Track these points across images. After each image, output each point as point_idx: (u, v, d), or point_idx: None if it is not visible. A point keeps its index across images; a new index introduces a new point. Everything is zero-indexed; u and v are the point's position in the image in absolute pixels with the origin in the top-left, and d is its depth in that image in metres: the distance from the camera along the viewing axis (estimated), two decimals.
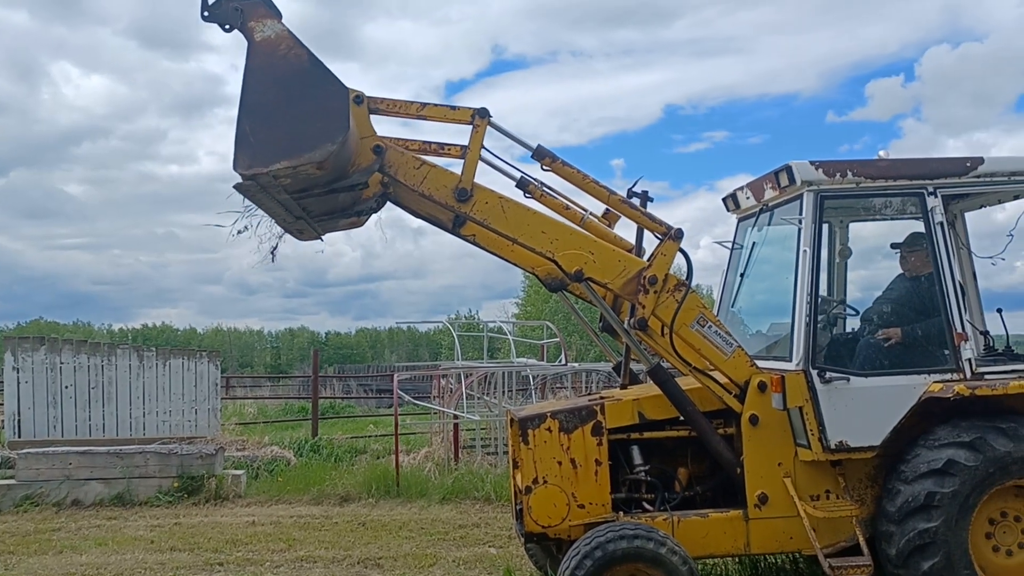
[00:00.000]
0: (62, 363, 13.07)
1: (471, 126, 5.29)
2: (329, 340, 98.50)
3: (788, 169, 5.57)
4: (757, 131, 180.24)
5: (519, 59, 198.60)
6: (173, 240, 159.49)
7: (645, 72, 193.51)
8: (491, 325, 17.53)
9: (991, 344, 5.98)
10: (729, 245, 6.76)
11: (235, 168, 4.64)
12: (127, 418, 13.49)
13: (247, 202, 5.12)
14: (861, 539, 5.26)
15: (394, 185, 5.32)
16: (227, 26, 4.87)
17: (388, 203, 5.57)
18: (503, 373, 13.26)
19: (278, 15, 4.89)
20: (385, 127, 5.43)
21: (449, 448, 12.11)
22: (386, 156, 5.19)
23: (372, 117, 5.30)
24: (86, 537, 8.59)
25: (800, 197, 5.57)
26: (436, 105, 5.35)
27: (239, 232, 5.34)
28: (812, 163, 5.51)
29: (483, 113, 5.27)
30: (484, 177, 5.42)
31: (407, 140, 5.49)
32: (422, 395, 17.09)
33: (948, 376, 5.32)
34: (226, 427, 15.73)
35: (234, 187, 4.80)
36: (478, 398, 14.11)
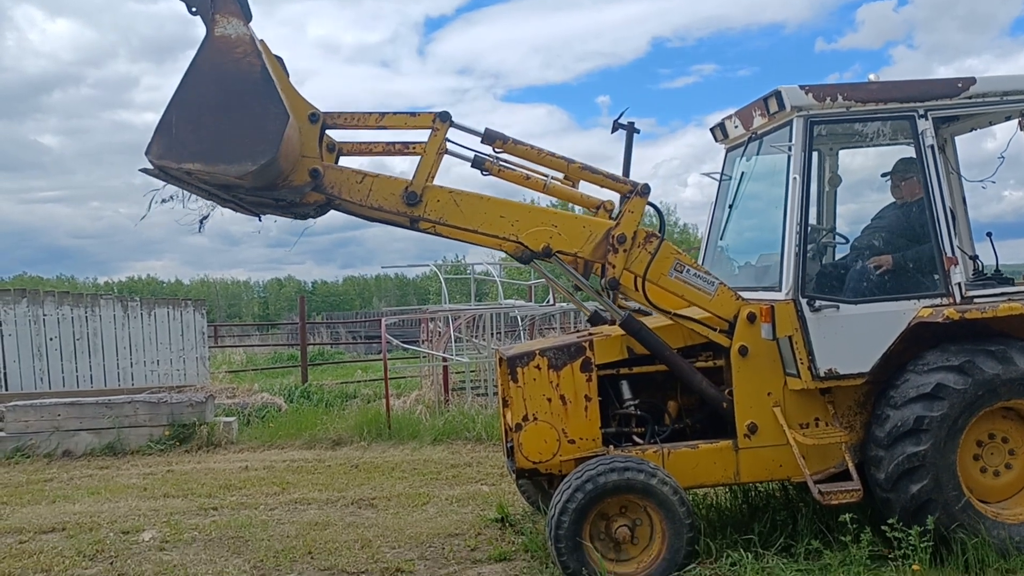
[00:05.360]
0: (45, 315, 12.95)
1: (431, 130, 5.18)
2: (317, 289, 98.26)
3: (777, 95, 5.44)
4: (746, 63, 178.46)
5: None
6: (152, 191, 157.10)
7: (630, 3, 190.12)
8: (478, 268, 17.45)
9: (980, 269, 5.95)
10: (717, 177, 6.66)
11: (146, 153, 4.50)
12: (114, 368, 13.47)
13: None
14: (850, 464, 5.28)
15: (339, 201, 5.18)
16: (193, 8, 4.70)
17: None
18: (491, 315, 13.24)
19: (247, 18, 4.74)
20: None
21: (439, 391, 12.15)
22: (324, 178, 5.05)
23: (330, 132, 5.19)
24: (78, 487, 8.59)
25: (790, 123, 5.46)
26: (395, 114, 5.24)
27: (163, 201, 5.17)
28: (802, 87, 5.38)
29: (444, 117, 5.16)
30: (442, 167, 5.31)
31: (371, 144, 5.36)
32: (411, 340, 17.08)
33: (938, 301, 5.30)
34: (215, 375, 15.73)
35: (140, 170, 4.68)
36: (467, 340, 14.12)
